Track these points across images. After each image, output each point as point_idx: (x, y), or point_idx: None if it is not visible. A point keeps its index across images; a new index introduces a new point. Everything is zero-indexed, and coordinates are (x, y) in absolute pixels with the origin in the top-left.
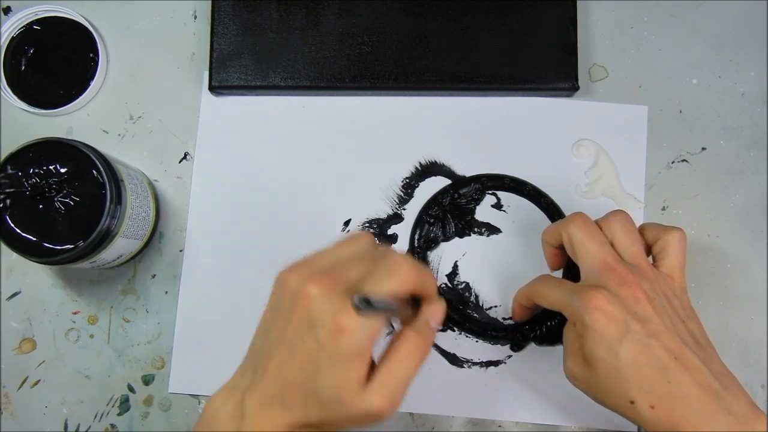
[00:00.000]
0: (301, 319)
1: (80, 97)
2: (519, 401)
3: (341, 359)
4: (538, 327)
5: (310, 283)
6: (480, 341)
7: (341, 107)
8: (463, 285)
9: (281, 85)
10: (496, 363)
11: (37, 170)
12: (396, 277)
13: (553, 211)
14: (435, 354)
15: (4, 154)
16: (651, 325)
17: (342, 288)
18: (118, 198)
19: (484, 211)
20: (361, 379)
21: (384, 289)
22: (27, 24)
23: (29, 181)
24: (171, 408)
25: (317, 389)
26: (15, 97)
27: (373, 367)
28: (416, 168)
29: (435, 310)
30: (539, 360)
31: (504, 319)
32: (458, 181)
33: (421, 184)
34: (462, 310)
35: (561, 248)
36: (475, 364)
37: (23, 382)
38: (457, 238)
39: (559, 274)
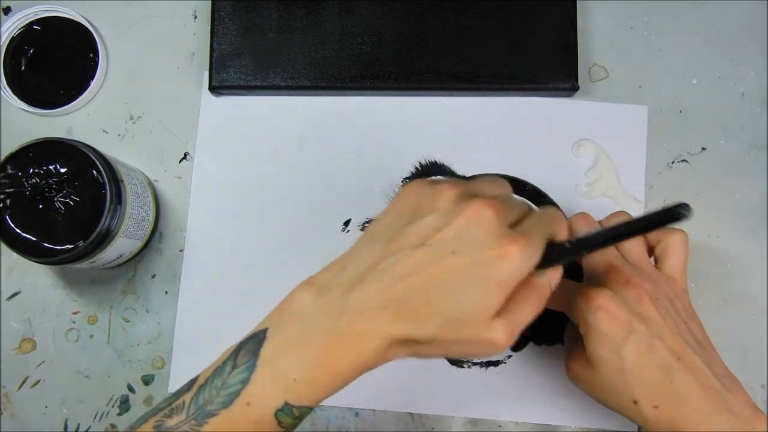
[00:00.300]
0: (461, 232)
1: (80, 97)
2: (519, 401)
3: (492, 283)
4: (538, 327)
5: (479, 201)
6: None
7: (341, 107)
8: None
9: (281, 85)
10: (496, 363)
11: (37, 170)
12: (564, 227)
13: None
14: None
15: (4, 154)
16: (654, 326)
17: (508, 218)
18: (118, 198)
19: None
20: (497, 308)
21: (562, 238)
22: (27, 24)
23: (29, 181)
24: None
25: (450, 305)
26: (15, 97)
27: None
28: (416, 168)
29: (556, 275)
30: (539, 360)
31: None
32: None
33: None
34: None
35: None
36: (475, 364)
37: (23, 382)
38: None
39: None
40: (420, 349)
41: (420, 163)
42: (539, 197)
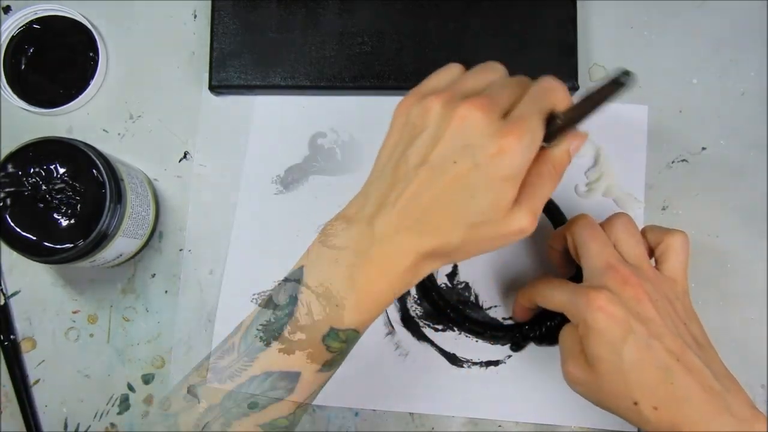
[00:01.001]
0: (455, 141)
1: (80, 97)
2: (519, 401)
3: (498, 181)
4: (538, 327)
5: (464, 106)
6: (480, 341)
7: (341, 107)
8: (463, 285)
9: (281, 85)
10: (496, 363)
11: (37, 169)
12: (563, 94)
13: (553, 212)
14: (435, 354)
15: (4, 153)
16: (653, 326)
17: (497, 111)
18: (118, 197)
19: None
20: (512, 199)
21: (564, 106)
22: (27, 23)
23: (29, 181)
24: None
25: (466, 212)
26: (15, 96)
27: None
28: None
29: (579, 139)
30: (539, 360)
31: (504, 319)
32: None
33: None
34: (462, 309)
35: (568, 253)
36: (475, 364)
37: None
38: None
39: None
40: (450, 256)
41: None
42: None
